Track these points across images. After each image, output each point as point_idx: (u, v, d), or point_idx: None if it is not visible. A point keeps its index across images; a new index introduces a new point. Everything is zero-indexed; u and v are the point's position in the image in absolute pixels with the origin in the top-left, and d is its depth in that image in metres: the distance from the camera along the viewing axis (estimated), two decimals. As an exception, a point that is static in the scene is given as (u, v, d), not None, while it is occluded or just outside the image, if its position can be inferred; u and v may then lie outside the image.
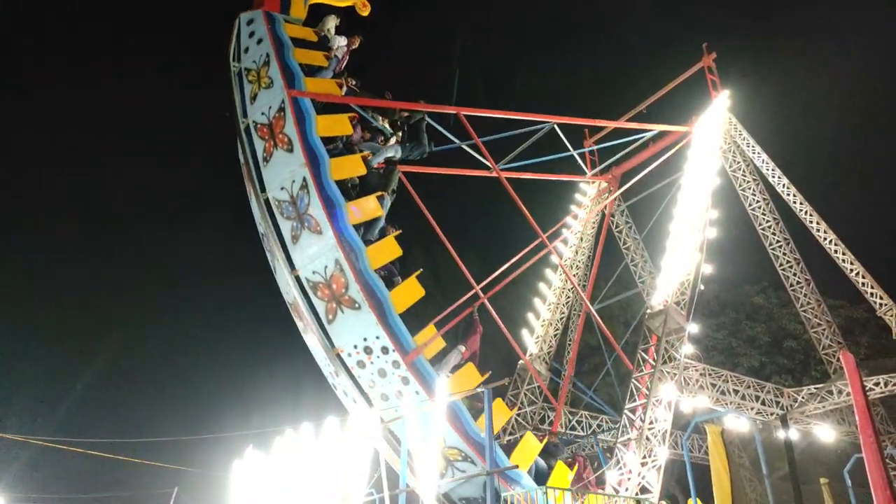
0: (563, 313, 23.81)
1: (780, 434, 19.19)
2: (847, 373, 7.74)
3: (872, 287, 20.99)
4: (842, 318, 24.69)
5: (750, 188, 23.63)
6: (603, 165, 23.64)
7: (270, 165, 10.12)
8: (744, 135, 23.62)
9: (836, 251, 21.80)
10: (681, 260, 17.91)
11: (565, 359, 26.90)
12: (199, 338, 31.02)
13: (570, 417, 22.19)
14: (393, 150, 11.53)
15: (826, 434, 19.85)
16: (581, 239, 24.76)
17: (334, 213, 9.52)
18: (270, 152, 10.22)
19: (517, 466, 8.77)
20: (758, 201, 23.52)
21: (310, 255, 9.54)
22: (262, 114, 10.41)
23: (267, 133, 10.26)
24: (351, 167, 10.20)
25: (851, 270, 21.46)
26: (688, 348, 18.70)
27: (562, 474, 9.78)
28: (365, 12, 12.14)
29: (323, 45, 11.80)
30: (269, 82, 10.43)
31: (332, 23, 12.31)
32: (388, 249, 9.89)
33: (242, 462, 9.86)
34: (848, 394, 18.46)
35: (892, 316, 20.46)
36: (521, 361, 21.70)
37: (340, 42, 11.91)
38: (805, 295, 22.66)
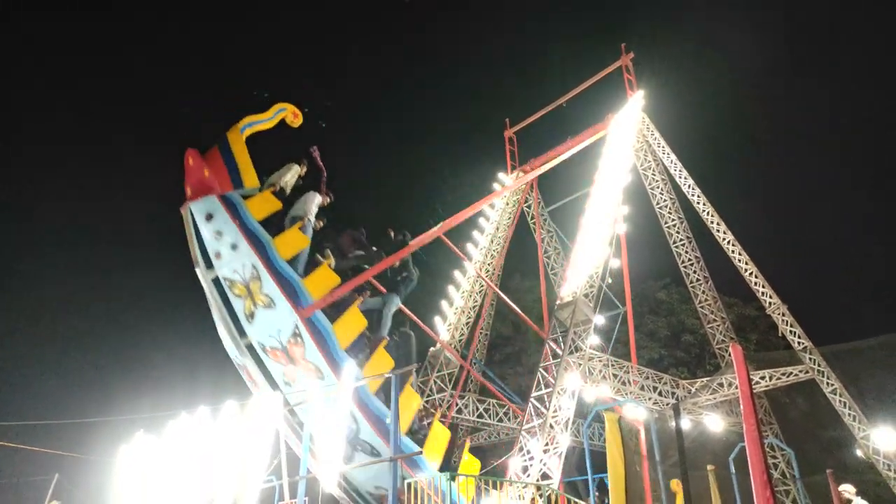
0: (475, 301, 24.15)
1: (673, 423, 20.38)
2: (735, 365, 8.31)
3: (763, 286, 22.60)
4: (735, 315, 26.45)
5: (658, 187, 24.80)
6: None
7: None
8: (655, 135, 24.71)
9: (732, 251, 23.27)
10: (590, 253, 18.52)
11: (477, 346, 27.45)
12: (85, 313, 28.78)
13: (478, 406, 22.61)
14: (395, 304, 10.55)
15: (715, 424, 21.25)
16: (497, 228, 25.18)
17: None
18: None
19: (422, 452, 8.82)
20: (665, 200, 24.73)
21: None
22: (271, 336, 9.20)
23: (285, 358, 9.10)
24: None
25: (746, 270, 22.99)
26: (593, 339, 19.48)
27: (471, 462, 9.97)
28: (297, 122, 10.67)
29: (283, 199, 10.39)
30: (269, 301, 9.15)
31: (291, 176, 10.89)
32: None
33: (129, 447, 9.39)
34: (737, 386, 19.80)
35: (779, 314, 22.12)
36: (431, 349, 21.86)
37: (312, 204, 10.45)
38: (703, 292, 24.12)
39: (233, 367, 10.34)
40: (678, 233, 24.55)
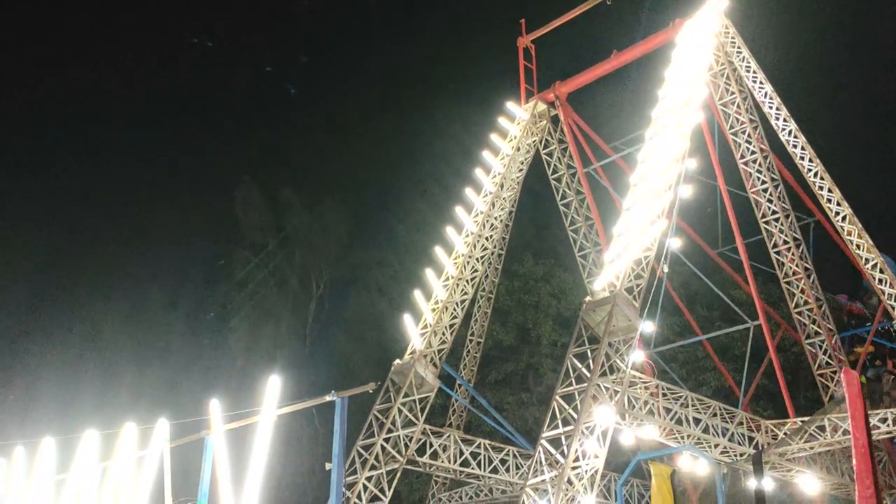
0: (465, 293, 24.04)
1: (752, 483, 20.53)
2: (847, 399, 8.27)
3: (892, 286, 22.65)
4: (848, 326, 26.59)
5: (745, 133, 24.69)
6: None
7: None
8: (743, 53, 24.50)
9: (849, 234, 23.27)
10: (640, 228, 18.37)
11: (464, 360, 27.46)
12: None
13: (463, 448, 22.59)
14: None
15: (811, 485, 21.43)
16: (502, 186, 25.01)
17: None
18: None
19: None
20: (753, 153, 24.62)
21: None
22: None
23: None
24: None
25: (867, 261, 23.03)
26: (638, 356, 19.45)
27: None
28: None
29: None
30: None
31: None
32: None
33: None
34: (846, 431, 19.91)
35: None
36: (396, 361, 21.79)
37: None
38: (802, 291, 24.17)
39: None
40: (770, 202, 24.50)
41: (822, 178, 23.80)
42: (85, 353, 35.52)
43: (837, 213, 23.51)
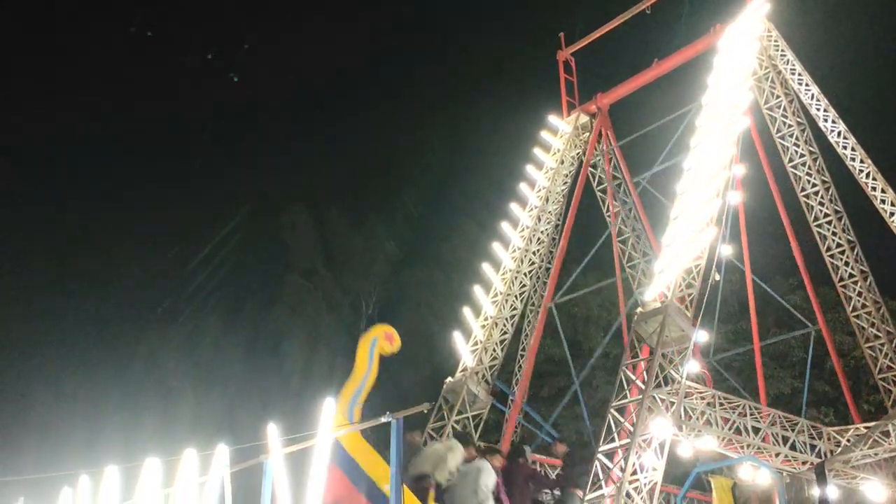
0: (514, 308, 24.03)
1: (815, 491, 20.15)
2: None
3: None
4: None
5: (793, 136, 24.40)
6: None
7: None
8: (787, 56, 24.27)
9: (905, 232, 22.84)
10: (689, 236, 18.27)
11: (516, 376, 27.35)
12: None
13: (519, 463, 22.54)
14: None
15: (877, 493, 20.95)
16: (547, 200, 25.00)
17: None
18: None
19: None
20: (802, 156, 24.30)
21: None
22: None
23: None
24: None
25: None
26: (692, 366, 19.25)
27: None
28: (395, 347, 12.76)
29: None
30: None
31: (454, 463, 12.62)
32: None
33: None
34: (911, 436, 19.48)
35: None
36: (448, 379, 21.83)
37: None
38: (860, 294, 23.73)
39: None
40: (822, 205, 24.14)
41: (874, 179, 23.42)
42: (146, 382, 36.19)
43: (893, 214, 23.10)
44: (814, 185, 24.26)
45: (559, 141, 26.14)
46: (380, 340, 12.42)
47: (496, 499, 12.88)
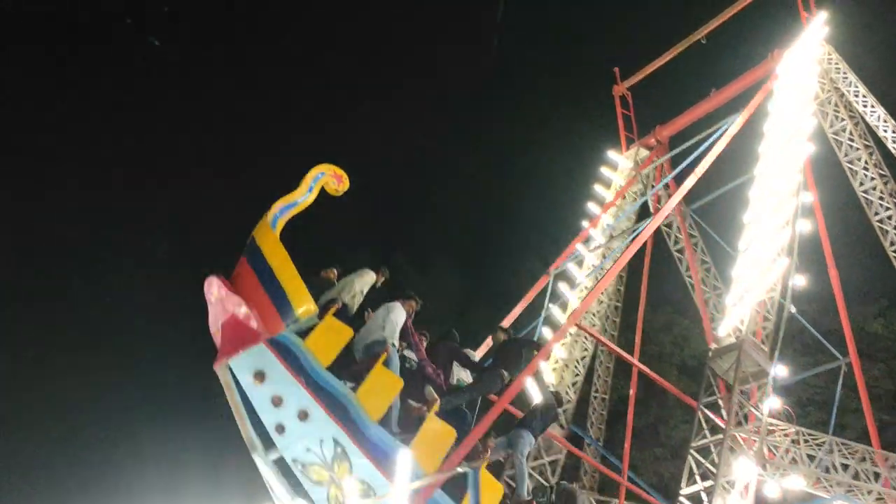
0: (585, 349, 23.77)
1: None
2: None
3: None
4: None
5: (861, 160, 23.90)
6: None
7: None
8: (850, 79, 23.91)
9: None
10: (761, 268, 18.01)
11: (590, 418, 26.91)
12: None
13: (598, 509, 22.17)
14: None
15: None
16: (611, 236, 24.73)
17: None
18: None
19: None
20: (872, 179, 23.78)
21: None
22: None
23: None
24: None
25: None
26: (773, 402, 18.75)
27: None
28: (343, 188, 12.64)
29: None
30: (367, 488, 10.21)
31: (361, 286, 13.36)
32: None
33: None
34: None
35: None
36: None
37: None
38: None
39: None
40: (898, 228, 23.52)
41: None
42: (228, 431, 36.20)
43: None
44: (887, 208, 23.69)
45: (619, 176, 25.93)
46: (327, 175, 12.20)
47: (407, 341, 12.98)
